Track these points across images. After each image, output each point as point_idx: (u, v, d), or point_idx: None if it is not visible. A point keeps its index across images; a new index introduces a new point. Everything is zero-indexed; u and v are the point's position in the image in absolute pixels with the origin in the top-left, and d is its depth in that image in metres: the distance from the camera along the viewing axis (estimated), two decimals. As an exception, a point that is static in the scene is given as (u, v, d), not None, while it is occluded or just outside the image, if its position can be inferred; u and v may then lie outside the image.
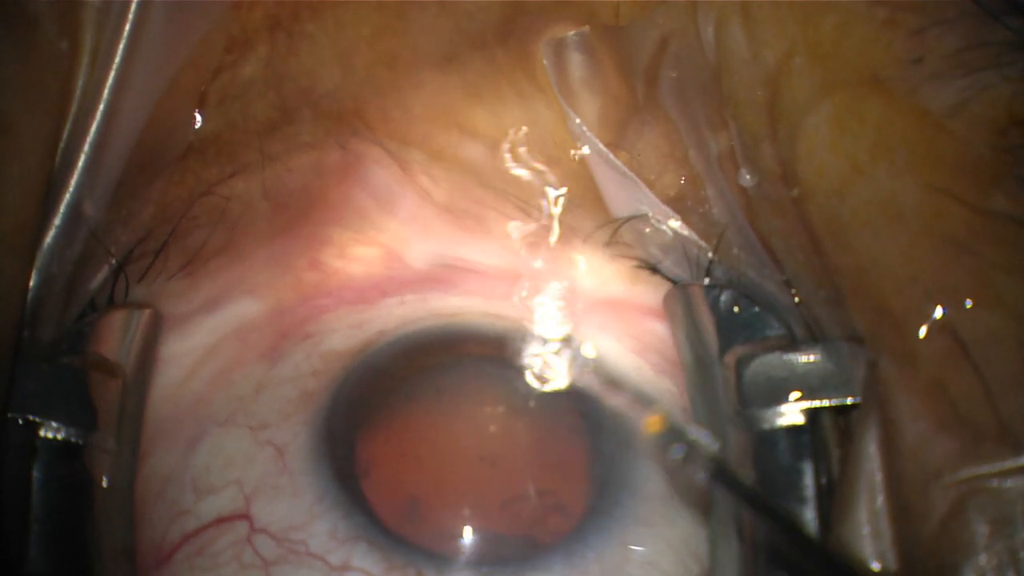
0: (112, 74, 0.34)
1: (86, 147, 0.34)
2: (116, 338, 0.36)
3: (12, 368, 0.32)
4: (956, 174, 0.30)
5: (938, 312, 0.29)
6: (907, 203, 0.30)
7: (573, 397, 0.39)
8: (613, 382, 0.35)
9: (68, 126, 0.34)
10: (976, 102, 0.30)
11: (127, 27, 0.34)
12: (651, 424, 0.32)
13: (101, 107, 0.34)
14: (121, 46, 0.34)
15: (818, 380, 0.33)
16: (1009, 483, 0.27)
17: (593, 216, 0.39)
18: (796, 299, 0.35)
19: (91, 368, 0.35)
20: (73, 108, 0.34)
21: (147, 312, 0.37)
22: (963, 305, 0.29)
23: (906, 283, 0.30)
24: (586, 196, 0.39)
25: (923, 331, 0.29)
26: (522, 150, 0.39)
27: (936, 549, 0.28)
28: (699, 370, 0.36)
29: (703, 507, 0.36)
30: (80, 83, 0.34)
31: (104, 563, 0.34)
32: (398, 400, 0.39)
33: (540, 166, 0.39)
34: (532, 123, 0.39)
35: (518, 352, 0.39)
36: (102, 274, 0.37)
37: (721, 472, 0.31)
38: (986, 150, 0.29)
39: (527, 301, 0.39)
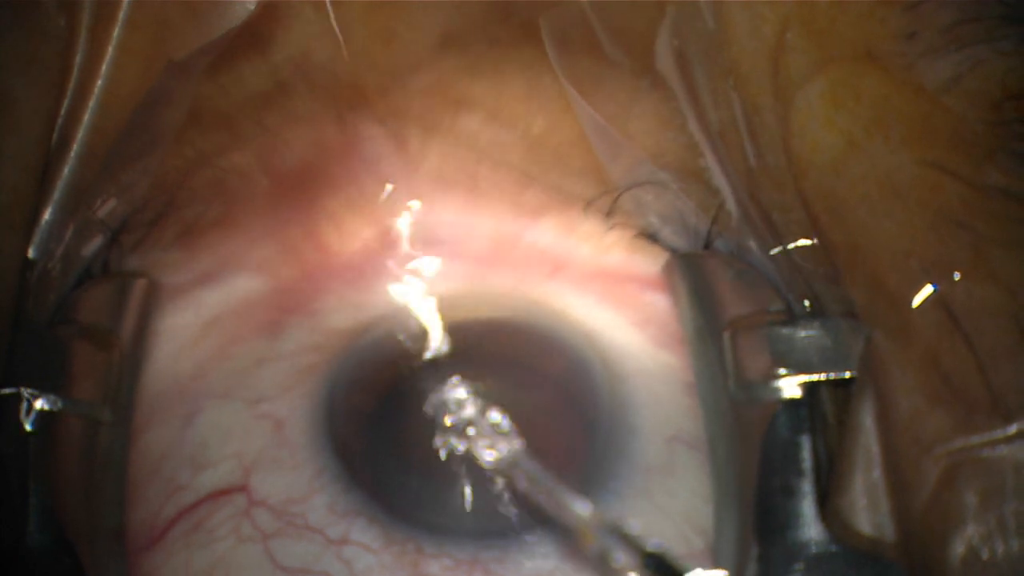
0: (110, 49, 0.34)
1: (84, 122, 0.34)
2: (111, 308, 0.36)
3: (11, 342, 0.32)
4: (951, 149, 0.30)
5: (931, 287, 0.29)
6: (902, 178, 0.30)
7: (570, 371, 0.39)
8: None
9: (66, 101, 0.34)
10: (970, 77, 0.30)
11: (124, 2, 0.34)
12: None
13: (99, 82, 0.34)
14: (119, 21, 0.34)
15: (816, 354, 0.33)
16: (999, 452, 0.27)
17: (594, 184, 0.39)
18: (795, 273, 0.35)
19: (86, 338, 0.35)
20: (71, 83, 0.34)
21: (142, 281, 0.37)
22: (956, 279, 0.29)
23: (901, 258, 0.30)
24: (586, 164, 0.39)
25: (916, 305, 0.29)
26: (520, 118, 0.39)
27: (928, 520, 0.28)
28: (701, 342, 0.36)
29: (707, 479, 0.36)
30: (78, 59, 0.34)
31: (98, 539, 0.34)
32: (399, 375, 0.39)
33: (538, 135, 0.39)
34: (534, 91, 0.39)
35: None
36: (96, 243, 0.37)
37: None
38: (980, 125, 0.30)
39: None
